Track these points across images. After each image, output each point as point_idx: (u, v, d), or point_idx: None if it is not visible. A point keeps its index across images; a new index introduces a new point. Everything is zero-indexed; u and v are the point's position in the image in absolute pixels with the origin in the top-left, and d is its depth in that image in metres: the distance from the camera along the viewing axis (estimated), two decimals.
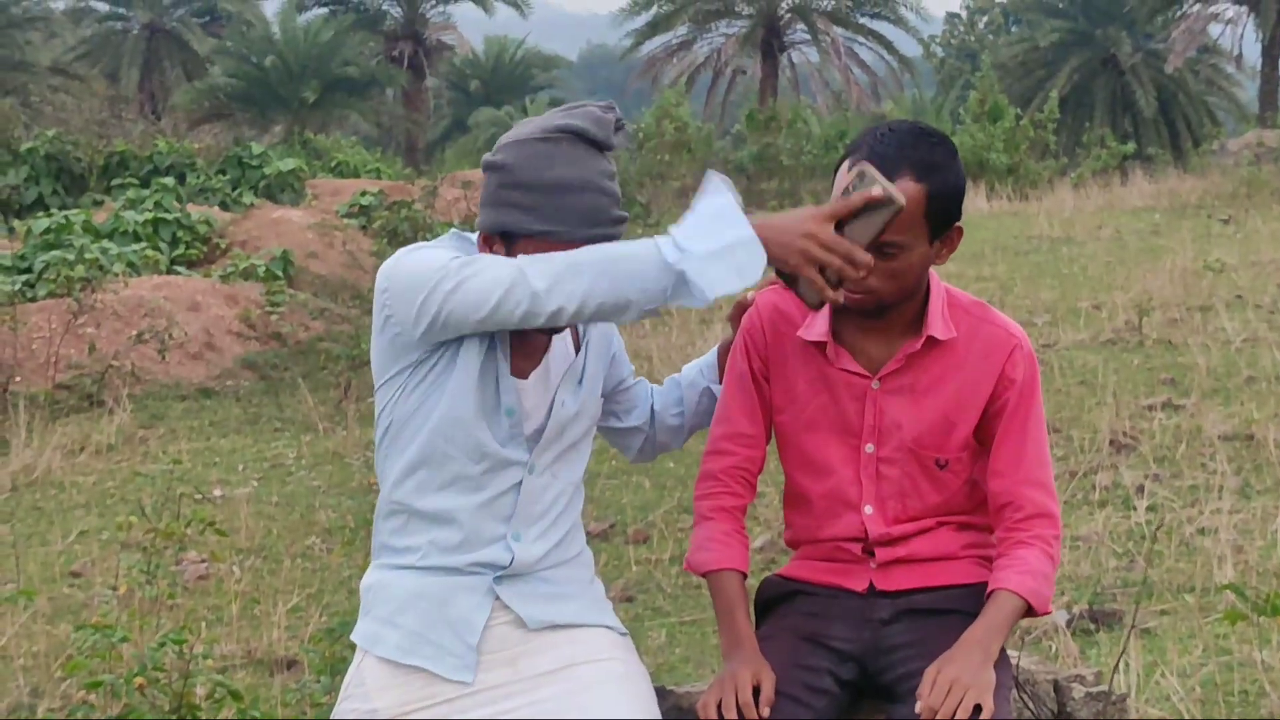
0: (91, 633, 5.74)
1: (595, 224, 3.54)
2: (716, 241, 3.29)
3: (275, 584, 8.34)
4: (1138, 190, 29.38)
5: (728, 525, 3.88)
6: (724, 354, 4.07)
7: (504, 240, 3.58)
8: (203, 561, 8.65)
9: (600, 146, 3.61)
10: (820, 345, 3.81)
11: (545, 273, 3.35)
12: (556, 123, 3.60)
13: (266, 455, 11.78)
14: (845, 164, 3.59)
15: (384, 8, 60.23)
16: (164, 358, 14.79)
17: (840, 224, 3.31)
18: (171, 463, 10.93)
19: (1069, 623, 6.81)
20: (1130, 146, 38.17)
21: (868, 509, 3.81)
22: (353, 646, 3.77)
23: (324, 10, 57.77)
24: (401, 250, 3.63)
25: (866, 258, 3.28)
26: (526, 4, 60.22)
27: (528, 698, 3.59)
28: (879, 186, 3.29)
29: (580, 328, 3.83)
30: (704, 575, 3.86)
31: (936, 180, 3.58)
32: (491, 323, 3.43)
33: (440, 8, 61.42)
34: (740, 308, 4.01)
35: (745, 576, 3.84)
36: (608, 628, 3.78)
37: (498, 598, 3.67)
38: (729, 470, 3.91)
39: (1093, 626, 6.86)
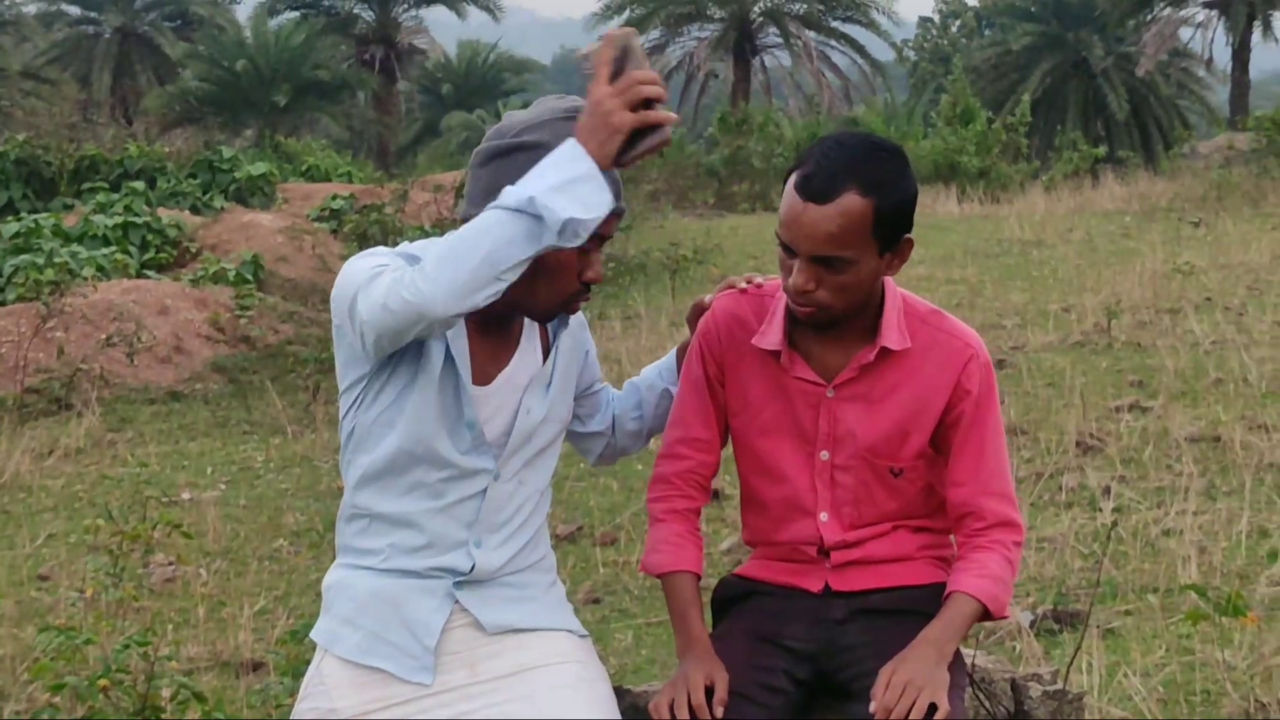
0: (56, 635, 5.73)
1: (619, 191, 3.57)
2: (557, 177, 3.28)
3: (242, 586, 8.34)
4: (1109, 193, 29.48)
5: (681, 527, 3.89)
6: (682, 356, 4.07)
7: None
8: (170, 564, 8.64)
9: None
10: (775, 353, 3.81)
11: (423, 264, 3.33)
12: (566, 105, 3.64)
13: (235, 458, 11.77)
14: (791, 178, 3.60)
15: (355, 11, 60.21)
16: (133, 361, 14.77)
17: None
18: (139, 466, 10.92)
19: (1033, 623, 6.83)
20: (1102, 150, 38.29)
21: (823, 516, 3.82)
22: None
23: (295, 14, 57.75)
24: (358, 257, 3.60)
25: (651, 74, 3.33)
26: (499, 8, 60.26)
27: (486, 700, 3.60)
28: (618, 40, 3.38)
29: (550, 333, 3.83)
30: (658, 577, 3.87)
31: (884, 195, 3.56)
32: (389, 328, 3.39)
33: (412, 12, 61.48)
34: (697, 310, 4.02)
35: (699, 577, 3.84)
36: (567, 630, 3.78)
37: (457, 601, 3.67)
38: (682, 474, 3.92)
39: (1056, 627, 6.88)
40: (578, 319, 3.89)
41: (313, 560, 8.73)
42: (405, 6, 60.56)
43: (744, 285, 3.94)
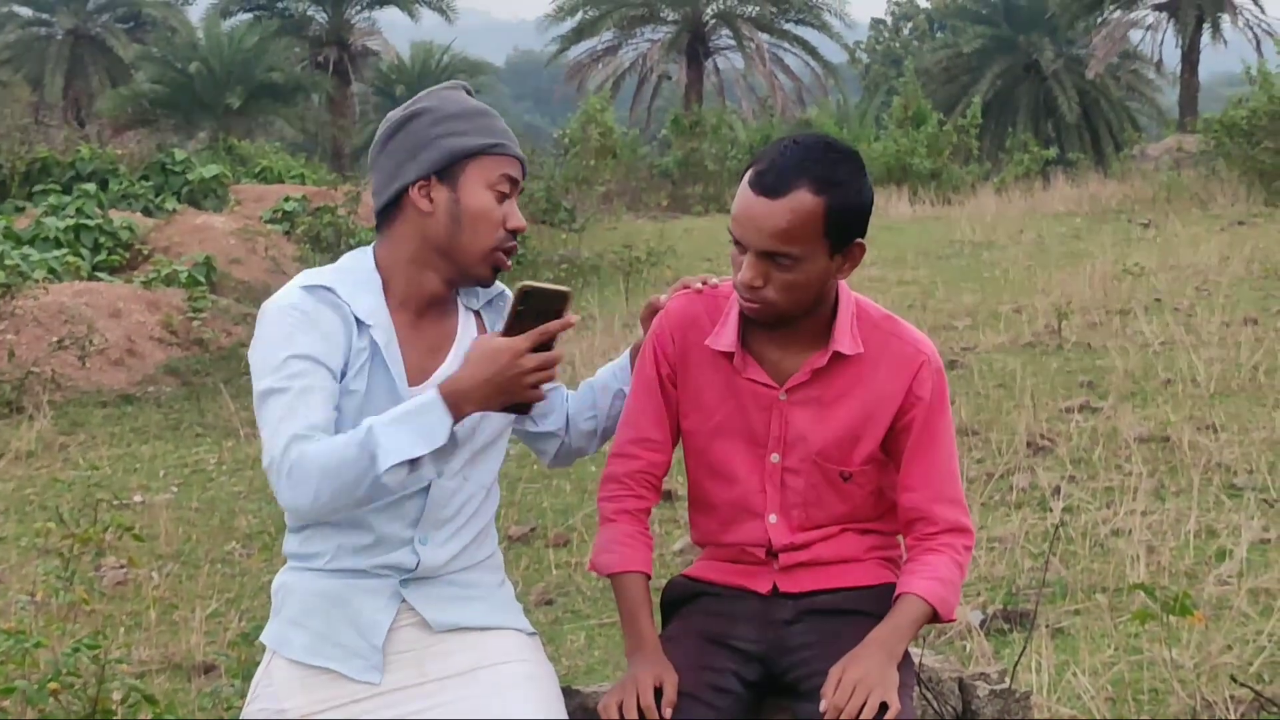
0: (6, 638, 5.72)
1: (515, 142, 3.75)
2: (402, 410, 3.46)
3: (194, 589, 8.32)
4: (1059, 195, 29.64)
5: (631, 528, 3.89)
6: (636, 355, 4.06)
7: (442, 178, 3.66)
8: (121, 567, 8.63)
9: None
10: (728, 355, 3.82)
11: (298, 467, 3.47)
12: (443, 85, 3.84)
13: (187, 461, 11.74)
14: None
15: (309, 14, 59.95)
16: (85, 364, 14.73)
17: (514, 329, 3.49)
18: (91, 469, 10.88)
19: (983, 623, 6.87)
20: (1052, 151, 38.55)
21: (772, 518, 3.83)
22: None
23: (249, 16, 57.45)
24: (265, 314, 3.68)
25: (559, 355, 3.50)
26: (453, 10, 60.11)
27: (435, 699, 3.60)
28: (571, 316, 3.50)
29: (487, 324, 3.86)
30: (608, 577, 3.88)
31: (836, 195, 3.56)
32: None
33: (366, 14, 61.24)
34: (651, 310, 4.03)
35: (649, 578, 3.85)
36: (516, 629, 3.79)
37: (404, 600, 3.69)
38: (633, 474, 3.92)
39: (1006, 627, 6.91)
40: None
41: (265, 563, 8.72)
42: (358, 8, 60.34)
43: (699, 286, 3.94)
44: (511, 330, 3.45)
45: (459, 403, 3.44)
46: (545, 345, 3.46)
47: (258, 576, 8.48)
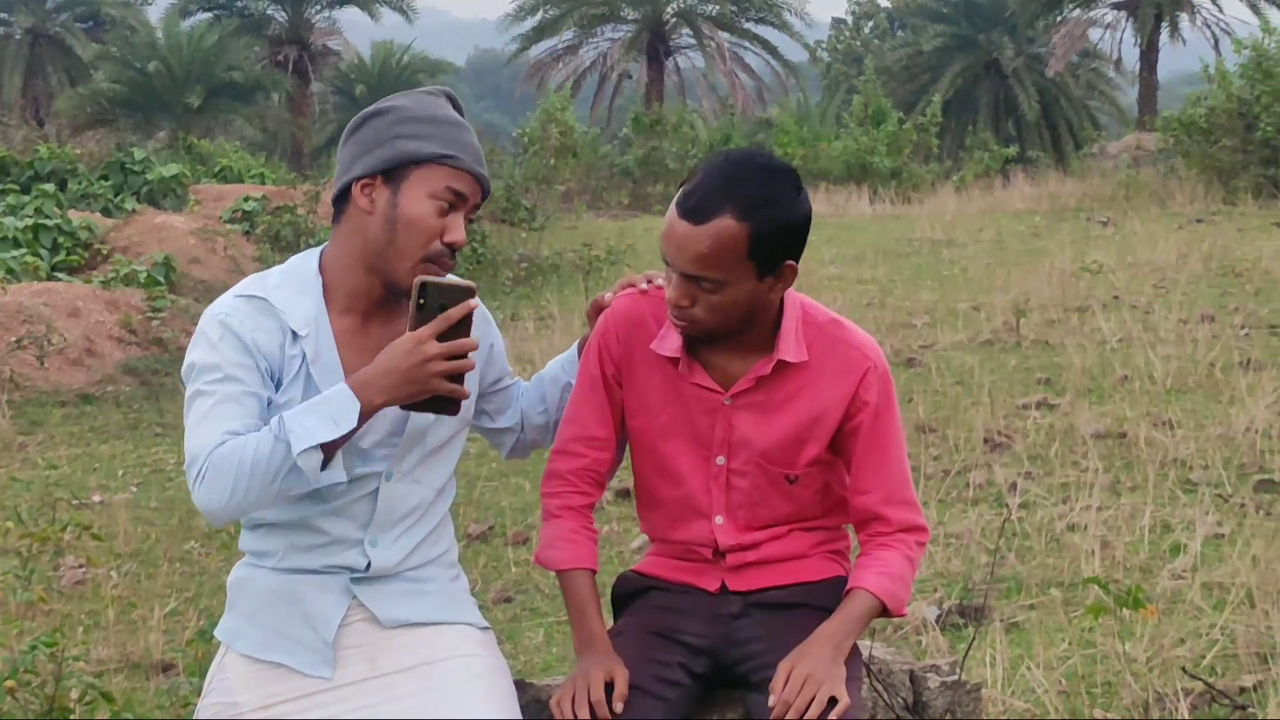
0: None
1: (482, 163, 3.69)
2: (311, 402, 3.48)
3: (153, 588, 8.32)
4: (1019, 193, 29.73)
5: (575, 523, 3.90)
6: (584, 349, 4.07)
7: (388, 179, 3.62)
8: (80, 566, 8.61)
9: (460, 115, 3.76)
10: (674, 360, 3.83)
11: (213, 467, 3.48)
12: (426, 88, 3.78)
13: (146, 460, 11.72)
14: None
15: (269, 13, 59.82)
16: (43, 364, 14.68)
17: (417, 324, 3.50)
18: (49, 468, 10.86)
19: (938, 618, 6.90)
20: (1012, 150, 38.64)
21: (718, 519, 3.85)
22: None
23: (208, 15, 57.34)
24: (201, 322, 3.69)
25: (473, 343, 3.49)
26: (413, 9, 60.04)
27: (387, 694, 3.61)
28: (472, 300, 3.51)
29: None
30: (555, 573, 3.89)
31: (762, 220, 3.53)
32: None
33: (326, 13, 61.16)
34: (597, 307, 4.02)
35: (594, 573, 3.86)
36: (467, 624, 3.79)
37: (355, 596, 3.70)
38: (577, 471, 3.92)
39: (961, 621, 6.94)
40: (481, 313, 3.91)
41: (224, 562, 8.70)
42: (318, 8, 60.25)
43: (644, 286, 3.94)
44: (415, 326, 3.48)
45: (367, 393, 3.44)
46: (456, 336, 3.49)
47: (216, 575, 8.47)
